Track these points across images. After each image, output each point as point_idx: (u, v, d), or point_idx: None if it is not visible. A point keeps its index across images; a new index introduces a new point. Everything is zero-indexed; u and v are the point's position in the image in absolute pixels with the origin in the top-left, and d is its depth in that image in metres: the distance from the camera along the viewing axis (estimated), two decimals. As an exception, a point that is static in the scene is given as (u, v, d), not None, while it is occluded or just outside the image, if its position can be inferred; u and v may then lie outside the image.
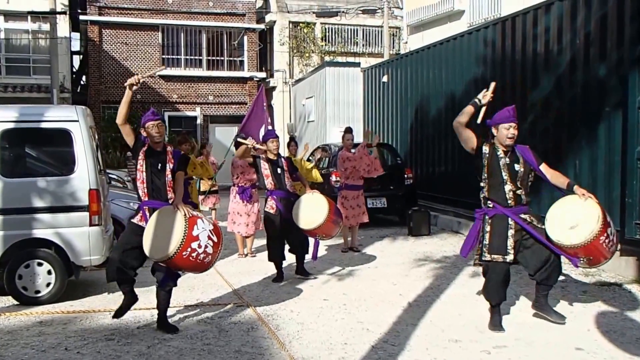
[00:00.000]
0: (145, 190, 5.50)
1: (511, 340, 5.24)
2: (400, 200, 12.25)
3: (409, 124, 14.45)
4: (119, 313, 5.76)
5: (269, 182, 7.66)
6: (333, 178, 11.39)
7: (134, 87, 5.33)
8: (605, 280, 7.22)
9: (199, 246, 5.12)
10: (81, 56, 26.00)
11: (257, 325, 5.81)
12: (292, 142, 10.96)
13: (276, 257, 7.71)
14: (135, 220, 5.60)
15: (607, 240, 5.07)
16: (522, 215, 5.45)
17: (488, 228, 5.46)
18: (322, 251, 9.16)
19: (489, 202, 5.49)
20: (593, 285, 7.12)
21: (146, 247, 5.27)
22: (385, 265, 8.54)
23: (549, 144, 9.21)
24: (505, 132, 5.36)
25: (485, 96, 5.50)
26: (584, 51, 8.50)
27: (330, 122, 18.22)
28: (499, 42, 10.61)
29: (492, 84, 5.56)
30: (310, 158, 13.19)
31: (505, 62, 10.44)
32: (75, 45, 24.99)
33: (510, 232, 5.41)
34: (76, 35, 24.68)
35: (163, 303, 5.62)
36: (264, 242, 10.10)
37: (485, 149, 5.45)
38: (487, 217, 5.49)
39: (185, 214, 5.15)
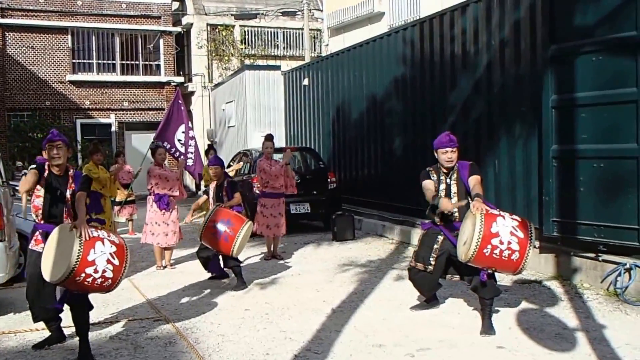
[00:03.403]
0: (41, 217, 5.24)
1: (435, 342, 5.24)
2: (323, 205, 12.13)
3: (331, 127, 14.41)
4: (40, 345, 5.40)
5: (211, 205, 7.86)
6: (255, 184, 11.16)
7: None
8: (525, 278, 7.34)
9: (95, 271, 4.77)
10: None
11: (176, 339, 5.60)
12: (212, 149, 10.66)
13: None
14: (31, 247, 5.27)
15: (495, 251, 4.94)
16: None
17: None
18: (243, 260, 8.94)
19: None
20: (514, 283, 7.23)
21: (43, 268, 4.92)
22: (308, 272, 8.42)
23: (468, 145, 9.31)
24: (443, 156, 5.66)
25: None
26: (499, 52, 8.66)
27: (251, 126, 17.96)
28: (418, 43, 10.69)
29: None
30: (231, 164, 12.95)
31: (425, 63, 10.53)
32: (-24, 50, 23.61)
33: (436, 245, 5.72)
34: (-24, 39, 23.31)
35: (80, 327, 5.20)
36: (183, 253, 9.89)
37: (434, 176, 5.76)
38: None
39: (82, 236, 4.79)
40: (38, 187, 5.16)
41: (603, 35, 6.65)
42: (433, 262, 5.74)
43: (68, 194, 5.20)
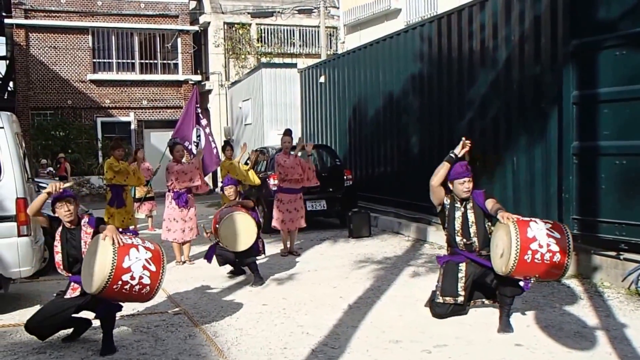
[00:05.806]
0: (66, 267, 5.29)
1: (451, 339, 5.22)
2: (339, 202, 12.13)
3: (348, 124, 14.38)
4: (69, 339, 5.52)
5: None
6: (271, 181, 11.20)
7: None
8: (543, 276, 7.27)
9: (132, 278, 4.81)
10: (7, 61, 25.09)
11: (195, 332, 5.67)
12: (228, 146, 10.70)
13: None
14: (68, 295, 5.28)
15: (536, 255, 4.84)
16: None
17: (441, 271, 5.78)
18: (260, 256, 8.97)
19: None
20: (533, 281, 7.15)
21: (82, 280, 5.05)
22: (325, 268, 8.43)
23: (486, 142, 9.24)
24: (460, 186, 5.60)
25: (460, 150, 5.69)
26: (519, 48, 8.53)
27: (268, 124, 18.00)
28: (436, 40, 10.62)
29: (463, 140, 5.71)
30: (248, 162, 12.98)
31: (442, 60, 10.45)
32: (1, 50, 24.07)
33: (461, 274, 5.64)
34: (1, 40, 23.78)
35: (106, 327, 5.26)
36: (202, 249, 9.90)
37: (447, 200, 5.74)
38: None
39: (114, 243, 4.82)
40: (56, 243, 5.26)
41: (626, 29, 6.55)
42: (462, 293, 5.64)
43: (83, 246, 5.21)
